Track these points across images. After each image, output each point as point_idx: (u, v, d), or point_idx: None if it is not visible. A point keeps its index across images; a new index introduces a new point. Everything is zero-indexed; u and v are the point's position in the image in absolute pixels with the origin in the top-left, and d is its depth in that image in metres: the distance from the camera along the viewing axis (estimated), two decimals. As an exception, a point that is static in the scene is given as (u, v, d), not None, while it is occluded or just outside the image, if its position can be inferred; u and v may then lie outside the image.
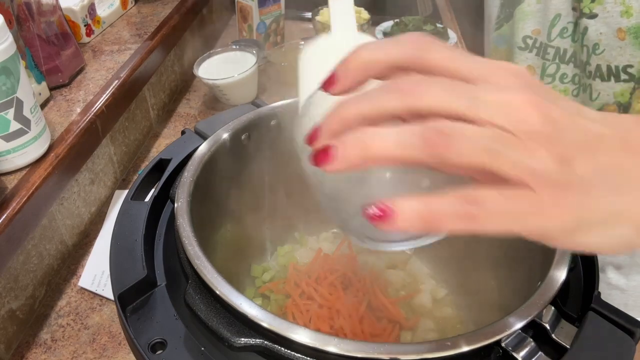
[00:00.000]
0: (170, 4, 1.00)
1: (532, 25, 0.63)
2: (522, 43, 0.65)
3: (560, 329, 0.33)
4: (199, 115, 0.95)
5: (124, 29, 0.91)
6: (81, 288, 0.63)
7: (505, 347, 0.31)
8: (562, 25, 0.60)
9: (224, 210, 0.50)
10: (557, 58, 0.62)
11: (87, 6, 0.84)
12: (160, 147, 0.87)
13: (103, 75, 0.77)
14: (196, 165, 0.44)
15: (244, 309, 0.32)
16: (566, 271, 0.35)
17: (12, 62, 0.53)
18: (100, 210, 0.75)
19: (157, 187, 0.45)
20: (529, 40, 0.64)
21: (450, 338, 0.31)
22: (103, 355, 0.56)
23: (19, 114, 0.55)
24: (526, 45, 0.65)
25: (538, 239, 0.22)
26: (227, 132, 0.47)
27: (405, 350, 0.30)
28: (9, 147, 0.56)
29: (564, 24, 0.60)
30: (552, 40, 0.62)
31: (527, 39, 0.64)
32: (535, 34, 0.63)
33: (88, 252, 0.68)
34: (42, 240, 0.61)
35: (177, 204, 0.39)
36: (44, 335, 0.58)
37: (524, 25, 0.64)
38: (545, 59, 0.63)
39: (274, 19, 1.07)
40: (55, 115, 0.68)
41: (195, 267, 0.35)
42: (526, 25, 0.64)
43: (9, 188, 0.56)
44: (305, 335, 0.30)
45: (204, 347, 0.33)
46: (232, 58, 0.94)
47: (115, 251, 0.39)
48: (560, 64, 0.62)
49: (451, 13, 1.35)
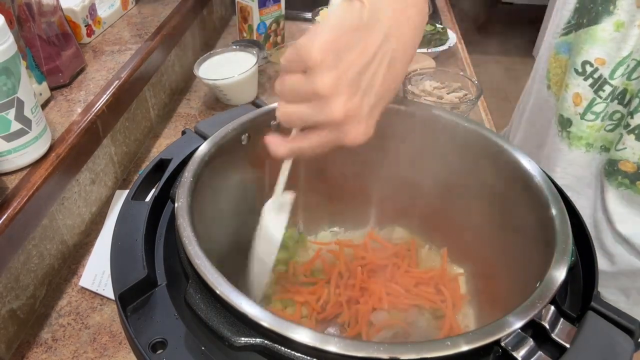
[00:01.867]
0: (170, 4, 1.00)
1: (598, 52, 0.56)
2: (580, 67, 0.58)
3: (560, 328, 0.33)
4: (199, 115, 0.95)
5: (125, 29, 0.91)
6: (82, 288, 0.63)
7: (504, 346, 0.31)
8: (631, 66, 0.55)
9: (224, 210, 0.50)
10: (610, 97, 0.57)
11: (87, 6, 0.84)
12: (160, 147, 0.87)
13: (104, 75, 0.77)
14: (196, 165, 0.44)
15: (245, 309, 0.32)
16: (565, 271, 0.35)
17: (12, 62, 0.53)
18: (100, 210, 0.75)
19: (157, 187, 0.45)
20: (588, 67, 0.58)
21: (450, 337, 0.31)
22: (104, 355, 0.56)
23: (20, 114, 0.55)
24: (584, 71, 0.58)
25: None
26: (227, 133, 0.48)
27: (405, 350, 0.30)
28: (10, 147, 0.56)
29: (633, 64, 0.55)
30: (614, 79, 0.56)
31: (587, 65, 0.58)
32: (599, 63, 0.57)
33: (89, 252, 0.68)
34: (42, 240, 0.61)
35: (178, 204, 0.40)
36: (45, 335, 0.58)
37: (590, 50, 0.57)
38: (597, 94, 0.58)
39: (274, 19, 1.07)
40: (56, 115, 0.68)
41: (195, 267, 0.35)
42: (592, 50, 0.57)
43: (9, 188, 0.56)
44: (306, 335, 0.30)
45: (205, 347, 0.33)
46: (232, 58, 0.95)
47: (116, 251, 0.39)
48: (609, 103, 0.58)
49: (451, 13, 1.36)
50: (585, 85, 0.59)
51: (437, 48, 1.07)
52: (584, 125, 0.61)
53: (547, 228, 0.40)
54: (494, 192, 0.48)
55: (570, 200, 0.44)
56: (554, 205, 0.41)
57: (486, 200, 0.49)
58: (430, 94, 0.81)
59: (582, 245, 0.41)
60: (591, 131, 0.61)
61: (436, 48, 1.07)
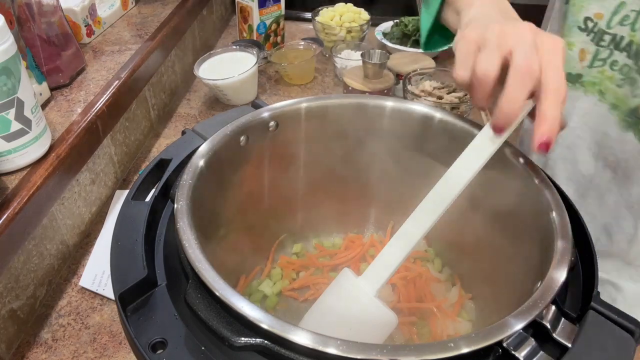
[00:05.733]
0: (170, 4, 1.00)
1: (595, 8, 0.61)
2: (583, 24, 0.62)
3: (561, 328, 0.33)
4: (199, 115, 0.95)
5: (125, 29, 0.91)
6: (82, 288, 0.63)
7: (506, 346, 0.31)
8: (625, 13, 0.58)
9: (223, 211, 0.50)
10: (612, 44, 0.60)
11: (87, 7, 0.84)
12: (160, 147, 0.87)
13: (104, 75, 0.77)
14: (196, 166, 0.44)
15: (245, 311, 0.32)
16: (566, 271, 0.35)
17: (13, 62, 0.53)
18: (100, 210, 0.75)
19: (157, 187, 0.45)
20: (589, 23, 0.62)
21: (452, 339, 0.31)
22: (104, 355, 0.56)
23: (20, 114, 0.55)
24: (586, 27, 0.62)
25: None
26: (225, 134, 0.47)
27: (406, 352, 0.30)
28: (10, 147, 0.56)
29: (627, 12, 0.58)
30: (611, 28, 0.60)
31: (588, 21, 0.62)
32: (598, 17, 0.61)
33: (89, 252, 0.68)
34: (42, 240, 0.61)
35: (177, 206, 0.39)
36: (45, 335, 0.58)
37: (588, 6, 0.61)
38: (599, 45, 0.61)
39: (274, 19, 1.07)
40: (56, 115, 0.68)
41: (195, 270, 0.35)
42: (590, 5, 0.61)
43: (9, 188, 0.56)
44: (305, 337, 0.30)
45: (205, 347, 0.33)
46: (232, 58, 0.95)
47: (116, 251, 0.39)
48: (614, 50, 0.61)
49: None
50: (587, 39, 0.62)
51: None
52: (594, 71, 0.63)
53: (547, 228, 0.40)
54: (494, 192, 0.48)
55: (570, 200, 0.44)
56: (555, 205, 0.41)
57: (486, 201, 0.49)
58: (430, 94, 0.81)
59: (582, 245, 0.41)
60: (602, 77, 0.62)
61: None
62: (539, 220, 0.41)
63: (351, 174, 0.57)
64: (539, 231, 0.41)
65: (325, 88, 1.02)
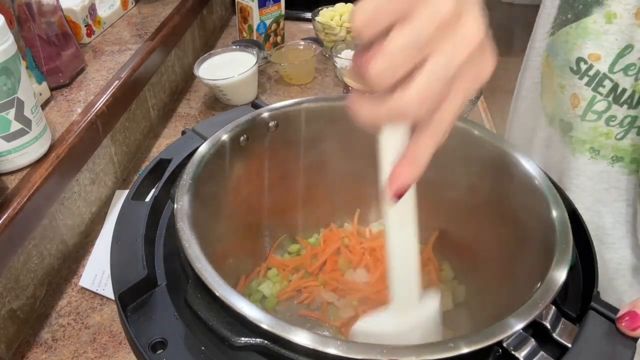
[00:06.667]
0: (170, 4, 1.00)
1: (592, 48, 0.52)
2: (575, 65, 0.54)
3: (561, 328, 0.33)
4: (199, 115, 0.95)
5: (125, 29, 0.91)
6: (82, 288, 0.63)
7: (506, 347, 0.31)
8: (631, 61, 0.50)
9: (223, 211, 0.50)
10: (612, 96, 0.52)
11: (87, 6, 0.84)
12: (160, 147, 0.87)
13: (104, 75, 0.77)
14: (196, 166, 0.44)
15: (245, 311, 0.32)
16: (566, 271, 0.35)
17: (12, 62, 0.53)
18: (100, 210, 0.75)
19: (157, 187, 0.45)
20: (582, 65, 0.53)
21: (452, 339, 0.31)
22: (104, 355, 0.56)
23: (20, 114, 0.55)
24: (578, 69, 0.53)
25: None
26: (226, 134, 0.47)
27: (406, 352, 0.30)
28: (10, 147, 0.56)
29: (634, 59, 0.50)
30: (614, 73, 0.51)
31: (582, 62, 0.53)
32: (593, 59, 0.52)
33: (88, 252, 0.68)
34: (42, 240, 0.61)
35: (177, 206, 0.39)
36: (45, 335, 0.58)
37: (582, 45, 0.52)
38: (597, 91, 0.53)
39: (274, 19, 1.07)
40: (56, 115, 0.68)
41: (195, 270, 0.35)
42: (585, 45, 0.52)
43: (9, 188, 0.56)
44: (305, 337, 0.30)
45: (205, 347, 0.33)
46: (232, 58, 0.95)
47: (116, 251, 0.39)
48: (612, 103, 0.53)
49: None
50: (581, 84, 0.54)
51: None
52: (586, 127, 0.55)
53: (547, 228, 0.40)
54: (494, 192, 0.48)
55: (570, 200, 0.44)
56: (555, 205, 0.41)
57: (485, 201, 0.49)
58: (430, 94, 0.81)
59: (582, 245, 0.41)
60: (594, 134, 0.55)
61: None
62: (539, 220, 0.41)
63: (351, 174, 0.57)
64: (539, 231, 0.41)
65: (325, 88, 1.02)
